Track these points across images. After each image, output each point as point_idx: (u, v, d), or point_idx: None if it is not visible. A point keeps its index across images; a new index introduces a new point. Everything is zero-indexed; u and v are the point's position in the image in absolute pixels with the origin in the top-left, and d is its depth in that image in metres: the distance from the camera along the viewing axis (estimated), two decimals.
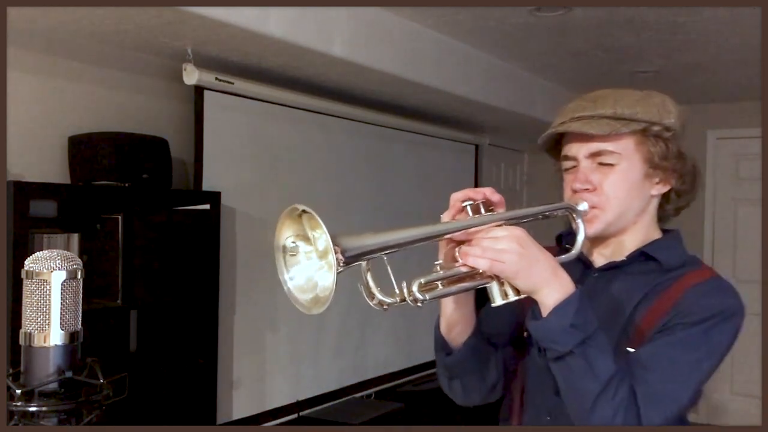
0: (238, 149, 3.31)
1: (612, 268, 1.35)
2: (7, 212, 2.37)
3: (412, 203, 4.46)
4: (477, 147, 5.23)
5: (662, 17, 3.34)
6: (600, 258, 1.39)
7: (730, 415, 5.59)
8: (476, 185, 5.22)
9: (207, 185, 3.11)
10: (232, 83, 3.14)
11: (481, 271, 1.16)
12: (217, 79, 3.07)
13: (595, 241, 1.38)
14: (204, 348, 3.02)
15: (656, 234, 1.38)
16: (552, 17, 3.32)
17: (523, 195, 6.20)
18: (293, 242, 1.09)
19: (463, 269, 1.16)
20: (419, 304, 1.11)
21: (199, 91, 3.08)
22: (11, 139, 2.65)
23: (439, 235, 1.17)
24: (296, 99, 3.51)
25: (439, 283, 1.15)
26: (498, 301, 1.18)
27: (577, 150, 1.33)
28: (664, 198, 1.36)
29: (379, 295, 1.09)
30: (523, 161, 6.30)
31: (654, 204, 1.36)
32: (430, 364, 4.61)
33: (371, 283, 1.09)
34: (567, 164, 1.36)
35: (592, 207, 1.31)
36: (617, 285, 1.33)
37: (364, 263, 1.08)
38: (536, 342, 1.21)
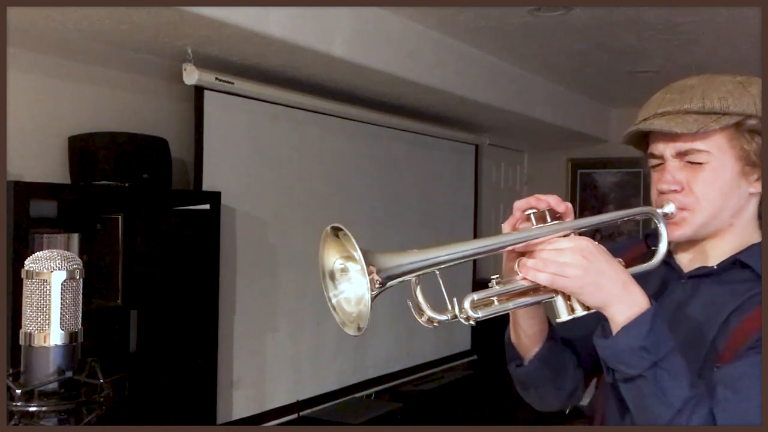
0: (238, 149, 3.31)
1: (703, 275, 1.23)
2: (7, 212, 2.37)
3: (412, 203, 4.47)
4: (477, 147, 5.23)
5: (662, 17, 3.34)
6: (691, 262, 1.26)
7: None
8: (476, 185, 5.22)
9: (207, 185, 3.11)
10: (232, 83, 3.14)
11: (543, 285, 1.08)
12: (217, 79, 3.07)
13: (686, 244, 1.26)
14: (204, 348, 3.02)
15: (756, 237, 1.23)
16: (552, 17, 3.32)
17: (523, 195, 6.17)
18: (341, 264, 1.02)
19: (524, 283, 1.09)
20: (472, 323, 1.04)
21: (199, 91, 3.08)
22: (11, 139, 2.65)
23: (491, 251, 1.10)
24: (296, 99, 3.51)
25: (495, 299, 1.08)
26: (564, 317, 1.10)
27: (662, 149, 1.21)
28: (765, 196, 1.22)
29: (429, 313, 1.03)
30: (523, 161, 6.30)
31: (754, 203, 1.22)
32: (430, 364, 4.61)
33: (420, 299, 1.03)
34: (653, 162, 1.24)
35: (680, 209, 1.20)
36: (707, 295, 1.20)
37: (413, 279, 1.02)
38: (604, 361, 1.12)
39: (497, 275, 1.12)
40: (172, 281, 2.91)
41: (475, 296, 1.05)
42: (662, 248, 1.19)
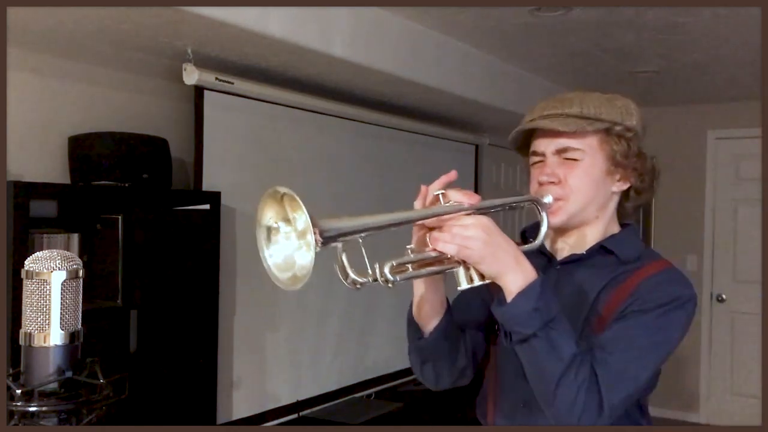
0: (238, 149, 3.31)
1: (573, 261, 1.43)
2: (7, 212, 2.37)
3: (412, 203, 4.46)
4: (477, 147, 5.23)
5: (662, 17, 3.34)
6: (562, 249, 1.47)
7: (730, 415, 5.59)
8: (476, 185, 5.22)
9: (207, 185, 3.11)
10: (232, 83, 3.14)
11: (449, 256, 1.22)
12: (217, 79, 3.07)
13: (558, 232, 1.46)
14: (204, 348, 3.02)
15: (615, 228, 1.46)
16: (552, 17, 3.32)
17: (523, 195, 6.19)
18: (275, 223, 1.13)
19: (433, 254, 1.22)
20: (390, 285, 1.16)
21: (199, 91, 3.08)
22: (11, 139, 2.65)
23: (412, 221, 1.24)
24: (296, 99, 3.51)
25: (409, 266, 1.21)
26: (464, 285, 1.24)
27: (545, 146, 1.41)
28: (624, 196, 1.45)
29: (352, 275, 1.14)
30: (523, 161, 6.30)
31: (614, 200, 1.44)
32: None
33: (346, 264, 1.14)
34: (534, 159, 1.44)
35: (556, 199, 1.39)
36: (579, 276, 1.40)
37: (339, 244, 1.13)
38: (502, 326, 1.27)
39: (411, 245, 1.26)
40: (172, 281, 2.91)
41: (394, 262, 1.18)
42: (543, 230, 1.38)
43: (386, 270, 1.15)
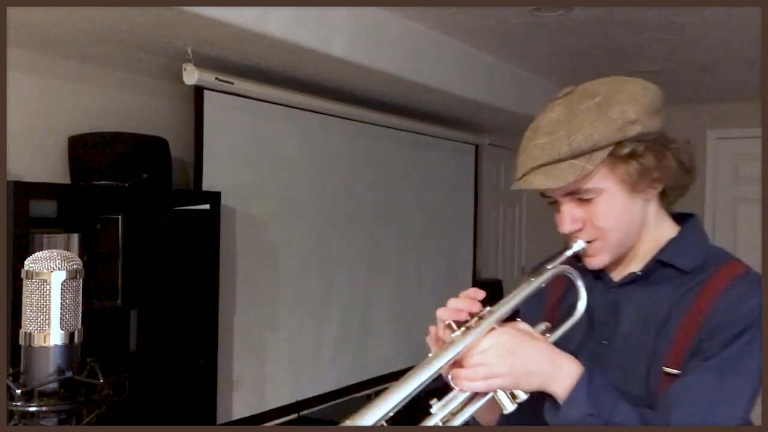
0: (238, 149, 3.31)
1: (631, 282, 1.26)
2: (7, 212, 2.37)
3: (412, 203, 4.46)
4: (477, 147, 5.23)
5: (662, 17, 3.34)
6: (616, 270, 1.30)
7: None
8: (476, 185, 5.22)
9: (207, 185, 3.11)
10: (232, 83, 3.14)
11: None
12: (217, 79, 3.07)
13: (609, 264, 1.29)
14: (204, 348, 3.02)
15: (670, 230, 1.28)
16: (552, 17, 3.32)
17: (523, 195, 6.19)
18: None
19: (464, 394, 1.11)
20: None
21: (199, 91, 3.08)
22: (11, 139, 2.65)
23: (425, 383, 1.12)
24: (296, 99, 3.51)
25: (440, 422, 1.12)
26: (509, 408, 1.12)
27: (552, 192, 1.24)
28: (661, 193, 1.27)
29: None
30: None
31: (653, 206, 1.27)
32: None
33: None
34: (550, 200, 1.27)
35: (589, 242, 1.23)
36: (640, 298, 1.24)
37: None
38: None
39: (434, 400, 1.14)
40: (172, 281, 2.91)
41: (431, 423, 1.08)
42: (581, 306, 1.21)
43: None
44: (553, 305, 1.36)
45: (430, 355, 1.15)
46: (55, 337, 1.00)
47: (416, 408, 1.15)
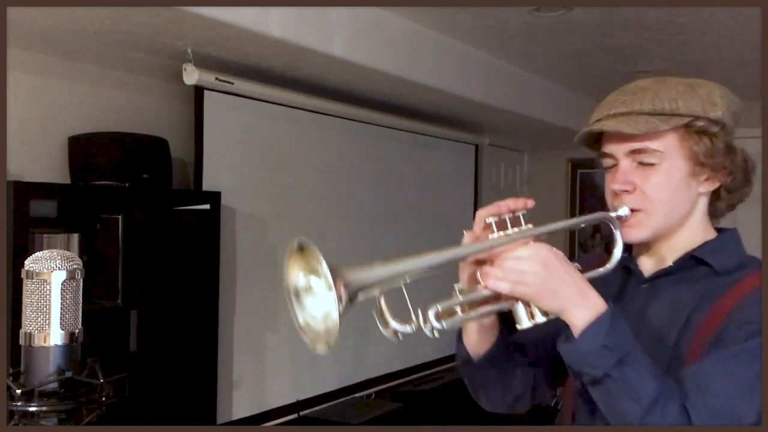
0: (238, 149, 3.31)
1: (661, 276, 1.26)
2: (7, 212, 2.37)
3: (412, 203, 4.46)
4: (477, 147, 5.23)
5: (662, 17, 3.34)
6: (648, 262, 1.29)
7: None
8: (476, 185, 5.21)
9: (207, 185, 3.11)
10: (232, 83, 3.14)
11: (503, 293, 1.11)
12: (217, 79, 3.07)
13: (642, 246, 1.29)
14: (204, 348, 3.02)
15: (709, 234, 1.28)
16: (552, 17, 3.32)
17: (523, 195, 6.19)
18: (305, 279, 1.01)
19: (485, 291, 1.11)
20: (436, 335, 1.06)
21: (199, 91, 3.08)
22: (11, 139, 2.65)
23: (454, 261, 1.12)
24: (296, 99, 3.51)
25: (458, 308, 1.11)
26: (525, 323, 1.12)
27: (615, 149, 1.24)
28: (715, 195, 1.26)
29: (393, 324, 1.04)
30: (523, 161, 6.30)
31: (703, 202, 1.26)
32: (430, 364, 4.60)
33: (385, 311, 1.04)
34: (607, 162, 1.27)
35: (634, 210, 1.22)
36: (668, 293, 1.23)
37: (377, 291, 1.03)
38: (569, 366, 1.14)
39: (459, 283, 1.14)
40: (172, 281, 2.91)
41: (440, 307, 1.07)
42: (617, 253, 1.21)
43: (431, 316, 1.05)
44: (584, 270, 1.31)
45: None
46: (55, 337, 1.00)
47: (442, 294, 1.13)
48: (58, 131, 2.87)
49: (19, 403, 0.96)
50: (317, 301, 1.00)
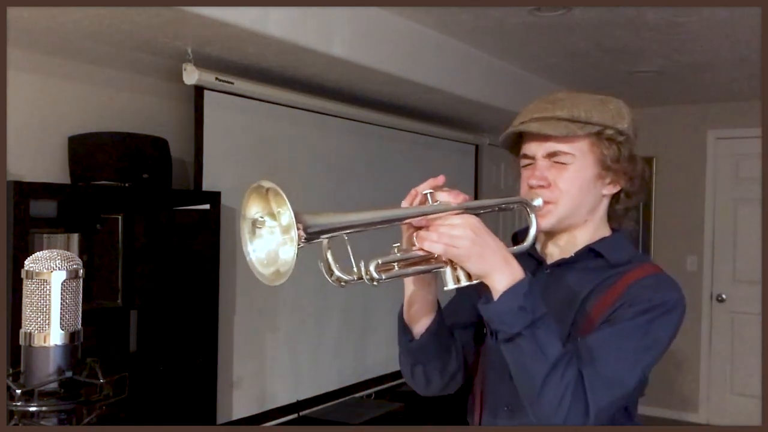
0: (238, 149, 3.31)
1: (563, 264, 1.42)
2: (7, 212, 2.37)
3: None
4: (477, 147, 5.23)
5: (662, 17, 3.34)
6: (552, 253, 1.46)
7: (730, 415, 5.59)
8: (476, 185, 5.22)
9: (207, 185, 3.11)
10: (232, 83, 3.14)
11: (436, 255, 1.22)
12: (217, 79, 3.07)
13: (548, 235, 1.45)
14: (204, 348, 3.02)
15: (606, 232, 1.45)
16: (552, 17, 3.32)
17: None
18: (261, 217, 1.12)
19: (420, 253, 1.22)
20: (375, 283, 1.15)
21: (199, 91, 3.08)
22: (11, 139, 2.65)
23: (399, 219, 1.23)
24: (296, 99, 3.51)
25: (396, 264, 1.21)
26: (450, 285, 1.23)
27: (535, 149, 1.40)
28: (614, 198, 1.44)
29: (337, 272, 1.13)
30: None
31: (605, 203, 1.44)
32: None
33: (331, 260, 1.13)
34: (525, 162, 1.43)
35: (546, 202, 1.38)
36: (568, 279, 1.40)
37: (325, 241, 1.12)
38: (488, 325, 1.27)
39: (398, 243, 1.26)
40: (172, 281, 2.91)
41: (380, 260, 1.17)
42: (532, 232, 1.36)
43: (372, 268, 1.15)
44: None
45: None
46: (55, 337, 1.00)
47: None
48: (58, 131, 2.87)
49: (19, 403, 0.96)
50: (267, 242, 1.12)
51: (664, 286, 1.34)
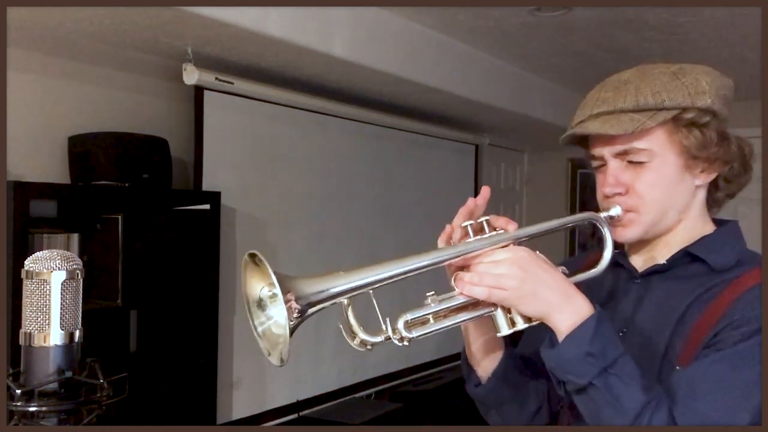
0: (238, 149, 3.31)
1: (653, 272, 1.20)
2: (7, 212, 2.37)
3: (412, 203, 4.46)
4: (477, 147, 5.23)
5: (662, 17, 3.34)
6: (645, 262, 1.23)
7: None
8: (476, 185, 5.21)
9: (207, 185, 3.11)
10: (232, 83, 3.14)
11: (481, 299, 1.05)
12: (217, 79, 3.07)
13: (638, 245, 1.23)
14: (204, 348, 3.02)
15: (707, 228, 1.21)
16: (552, 17, 3.32)
17: (523, 195, 6.20)
18: (269, 291, 0.99)
19: (461, 298, 1.06)
20: (406, 343, 1.02)
21: (199, 91, 3.08)
22: (11, 139, 2.65)
23: (421, 269, 1.05)
24: (296, 99, 3.51)
25: (431, 317, 1.06)
26: (504, 330, 1.07)
27: (601, 150, 1.18)
28: (713, 186, 1.20)
29: (361, 335, 1.01)
30: (523, 161, 6.30)
31: (701, 195, 1.20)
32: (430, 365, 4.61)
33: (352, 321, 1.00)
34: (595, 163, 1.21)
35: (626, 210, 1.16)
36: (662, 291, 1.17)
37: (345, 301, 0.99)
38: (552, 374, 1.08)
39: (432, 292, 1.09)
40: (172, 281, 2.91)
41: (409, 316, 1.03)
42: (606, 254, 1.16)
43: (400, 326, 1.01)
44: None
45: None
46: (55, 337, 1.00)
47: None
48: (58, 131, 2.87)
49: (19, 403, 0.96)
50: (275, 311, 0.99)
51: None
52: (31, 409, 0.96)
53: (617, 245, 1.20)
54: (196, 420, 2.96)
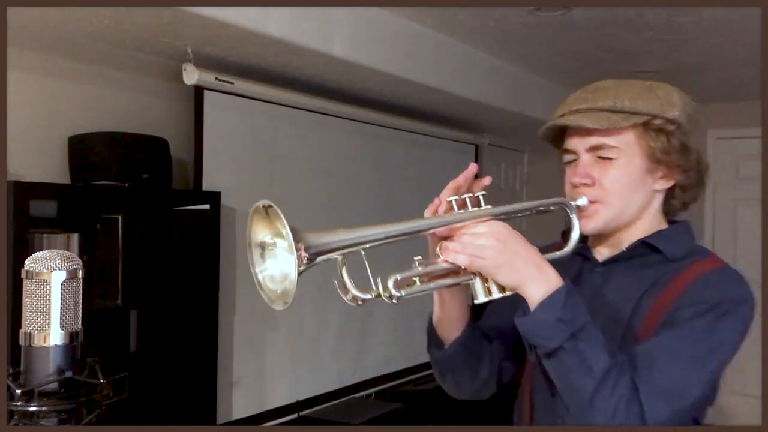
0: (238, 149, 3.31)
1: (614, 261, 1.32)
2: (7, 212, 2.37)
3: (412, 203, 4.45)
4: (477, 147, 5.23)
5: (662, 17, 3.34)
6: (603, 252, 1.35)
7: (730, 415, 5.58)
8: None
9: (207, 185, 3.11)
10: (232, 83, 3.14)
11: (462, 267, 1.14)
12: (217, 79, 3.07)
13: (598, 237, 1.34)
14: (204, 348, 3.02)
15: (662, 226, 1.33)
16: (552, 17, 3.32)
17: (523, 195, 6.19)
18: (271, 239, 1.06)
19: (444, 265, 1.15)
20: (394, 301, 1.09)
21: (199, 91, 3.08)
22: (11, 139, 2.65)
23: (414, 232, 1.15)
24: (296, 99, 3.51)
25: (417, 279, 1.14)
26: (481, 298, 1.16)
27: (576, 143, 1.30)
28: (670, 193, 1.32)
29: (353, 291, 1.08)
30: (523, 161, 6.30)
31: (658, 199, 1.32)
32: (430, 364, 4.60)
33: (345, 278, 1.08)
34: (567, 157, 1.33)
35: (591, 202, 1.28)
36: (619, 279, 1.29)
37: (339, 257, 1.07)
38: (526, 339, 1.18)
39: (419, 257, 1.17)
40: (172, 281, 2.91)
41: (398, 276, 1.11)
42: (574, 236, 1.27)
43: (390, 285, 1.08)
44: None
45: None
46: (55, 337, 1.00)
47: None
48: (58, 131, 2.87)
49: (19, 403, 0.96)
50: (278, 261, 1.05)
51: (728, 280, 1.22)
52: (31, 409, 0.96)
53: (581, 239, 1.30)
54: (196, 420, 2.96)
